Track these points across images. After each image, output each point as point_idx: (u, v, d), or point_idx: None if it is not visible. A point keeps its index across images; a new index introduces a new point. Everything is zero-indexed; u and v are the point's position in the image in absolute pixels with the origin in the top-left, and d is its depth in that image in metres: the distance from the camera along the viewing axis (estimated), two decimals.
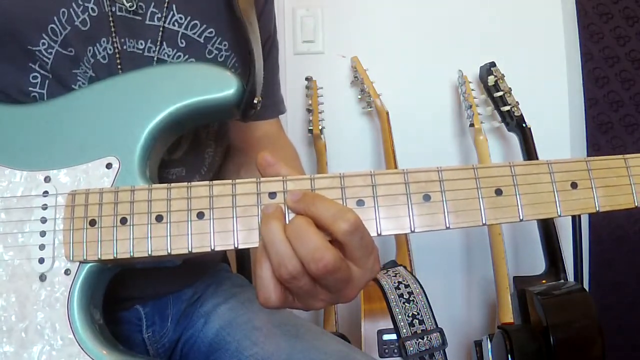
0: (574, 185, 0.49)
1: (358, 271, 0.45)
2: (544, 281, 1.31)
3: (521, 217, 0.48)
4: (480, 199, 0.48)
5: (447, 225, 0.47)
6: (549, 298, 1.20)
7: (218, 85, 0.54)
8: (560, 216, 0.48)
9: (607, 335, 1.13)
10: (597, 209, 0.49)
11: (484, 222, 0.47)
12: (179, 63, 0.63)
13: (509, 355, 1.18)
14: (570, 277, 1.36)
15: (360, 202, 0.47)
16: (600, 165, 0.49)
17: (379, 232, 0.47)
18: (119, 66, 0.60)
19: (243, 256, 1.11)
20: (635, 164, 0.49)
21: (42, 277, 0.50)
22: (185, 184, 0.50)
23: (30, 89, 0.58)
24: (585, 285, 1.54)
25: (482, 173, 0.48)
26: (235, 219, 0.48)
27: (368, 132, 1.65)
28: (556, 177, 0.49)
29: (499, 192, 0.48)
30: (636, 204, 0.49)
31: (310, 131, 1.55)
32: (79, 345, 0.48)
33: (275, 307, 0.46)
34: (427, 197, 0.48)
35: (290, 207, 0.46)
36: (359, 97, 1.62)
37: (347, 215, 0.44)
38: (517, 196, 0.48)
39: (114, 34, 0.60)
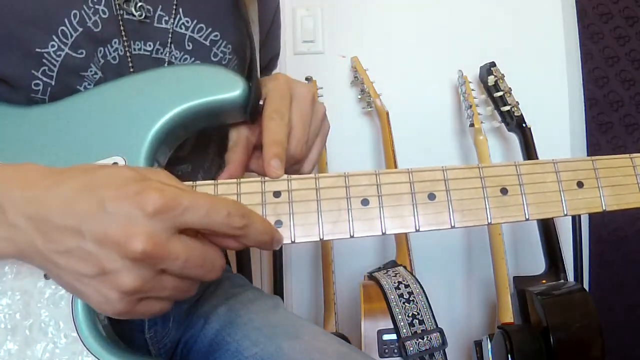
0: (580, 184, 0.48)
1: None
2: (544, 281, 1.31)
3: (527, 217, 0.48)
4: (486, 198, 0.48)
5: (453, 224, 0.47)
6: (549, 298, 1.20)
7: (224, 86, 0.54)
8: (566, 215, 0.48)
9: (607, 335, 1.13)
10: (604, 208, 0.48)
11: (489, 221, 0.47)
12: (185, 65, 0.64)
13: (509, 355, 1.18)
14: (570, 277, 1.36)
15: (365, 202, 0.47)
16: (607, 165, 0.49)
17: (384, 231, 0.47)
18: (131, 67, 0.60)
19: (243, 256, 1.11)
20: None
21: (47, 275, 0.49)
22: (190, 183, 0.50)
23: (32, 95, 0.58)
24: (585, 285, 1.54)
25: (488, 172, 0.48)
26: None
27: (368, 132, 1.65)
28: (562, 176, 0.48)
29: (504, 191, 0.48)
30: None
31: None
32: (83, 343, 0.48)
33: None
34: (432, 196, 0.48)
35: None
36: (359, 97, 1.62)
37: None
38: (523, 195, 0.48)
39: (124, 36, 0.60)
